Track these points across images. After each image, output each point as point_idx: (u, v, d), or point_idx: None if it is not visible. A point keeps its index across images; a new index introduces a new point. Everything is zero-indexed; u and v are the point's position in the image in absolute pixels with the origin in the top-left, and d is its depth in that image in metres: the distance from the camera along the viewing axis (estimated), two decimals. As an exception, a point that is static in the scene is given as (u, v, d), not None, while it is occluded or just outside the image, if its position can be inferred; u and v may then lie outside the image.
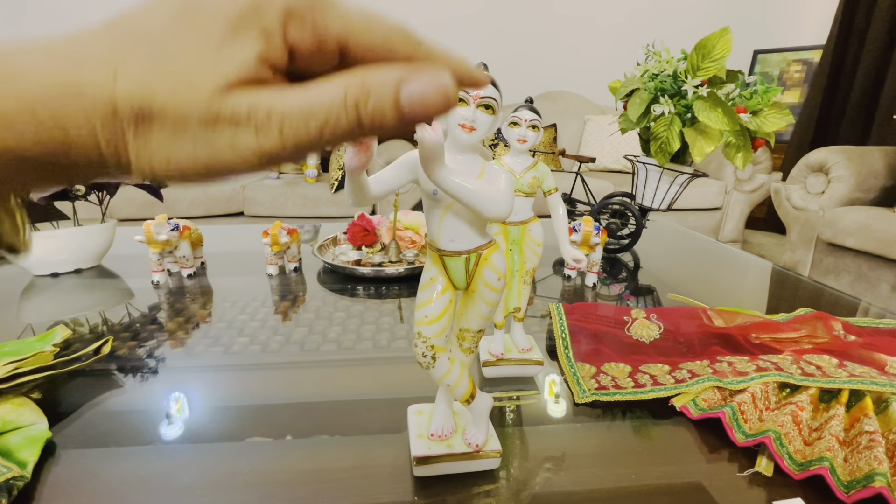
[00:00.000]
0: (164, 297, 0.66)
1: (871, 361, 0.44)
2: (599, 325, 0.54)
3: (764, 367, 0.42)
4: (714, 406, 0.39)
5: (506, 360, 0.46)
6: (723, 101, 0.72)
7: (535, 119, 0.40)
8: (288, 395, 0.43)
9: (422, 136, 0.24)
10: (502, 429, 0.38)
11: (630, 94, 0.81)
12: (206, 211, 2.05)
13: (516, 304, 0.46)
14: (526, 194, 0.43)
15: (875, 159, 1.70)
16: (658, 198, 0.84)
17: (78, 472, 0.33)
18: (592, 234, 0.70)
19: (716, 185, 2.29)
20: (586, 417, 0.40)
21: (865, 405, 0.36)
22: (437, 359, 0.30)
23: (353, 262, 0.76)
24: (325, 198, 2.03)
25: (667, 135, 0.76)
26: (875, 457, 0.31)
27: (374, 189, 0.29)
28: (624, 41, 2.88)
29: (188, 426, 0.38)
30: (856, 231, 1.55)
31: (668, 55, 0.76)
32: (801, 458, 0.33)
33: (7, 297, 0.66)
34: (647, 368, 0.46)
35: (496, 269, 0.30)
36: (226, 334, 0.54)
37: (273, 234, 0.72)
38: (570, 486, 0.32)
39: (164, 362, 0.48)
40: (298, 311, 0.61)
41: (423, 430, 0.34)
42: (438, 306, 0.29)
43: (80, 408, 0.40)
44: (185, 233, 0.72)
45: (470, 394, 0.32)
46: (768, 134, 0.74)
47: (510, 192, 0.27)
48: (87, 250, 0.76)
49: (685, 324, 0.53)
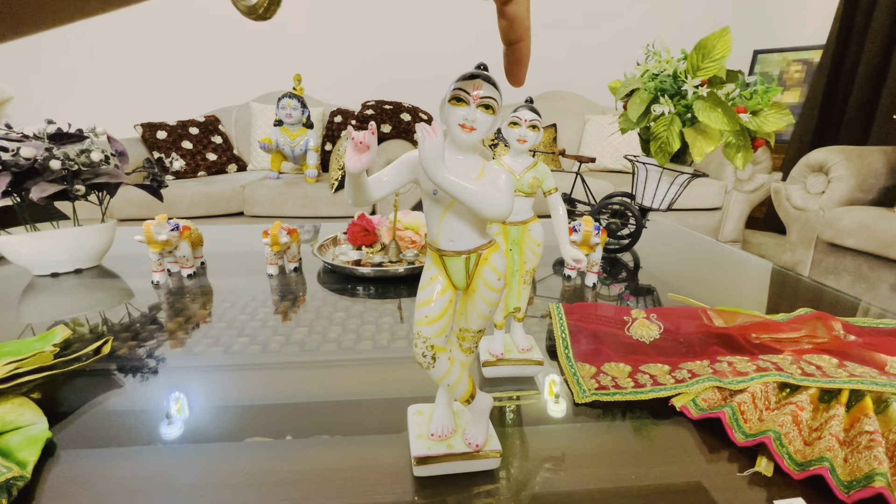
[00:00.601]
0: (164, 297, 0.66)
1: (871, 361, 0.44)
2: (599, 325, 0.54)
3: (764, 367, 0.42)
4: (714, 406, 0.39)
5: (506, 360, 0.46)
6: (723, 101, 0.72)
7: (534, 119, 0.40)
8: (288, 395, 0.43)
9: (421, 137, 0.24)
10: (502, 429, 0.38)
11: (630, 94, 0.81)
12: (206, 211, 2.04)
13: (516, 304, 0.46)
14: (526, 194, 0.43)
15: (875, 159, 1.70)
16: (658, 198, 0.84)
17: (78, 472, 0.33)
18: (592, 234, 0.70)
19: (716, 185, 2.29)
20: (586, 417, 0.40)
21: (865, 405, 0.36)
22: (436, 359, 0.30)
23: (353, 262, 0.76)
24: (325, 198, 2.03)
25: (667, 135, 0.76)
26: (875, 457, 0.31)
27: (375, 189, 0.29)
28: (624, 41, 2.88)
29: (188, 426, 0.38)
30: (856, 231, 1.55)
31: (668, 55, 0.76)
32: (801, 458, 0.33)
33: (7, 297, 0.66)
34: (647, 368, 0.46)
35: (496, 269, 0.30)
36: (226, 334, 0.54)
37: (273, 234, 0.72)
38: (570, 486, 0.32)
39: (164, 362, 0.48)
40: (298, 311, 0.61)
41: (423, 430, 0.34)
42: (438, 306, 0.29)
43: (80, 408, 0.40)
44: (185, 233, 0.72)
45: (470, 394, 0.32)
46: (768, 134, 0.74)
47: (510, 192, 0.27)
48: (87, 250, 0.76)
49: (685, 324, 0.53)
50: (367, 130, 0.26)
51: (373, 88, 2.78)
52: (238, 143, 2.61)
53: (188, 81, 2.73)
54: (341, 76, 2.83)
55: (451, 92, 0.27)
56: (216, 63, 2.73)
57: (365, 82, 2.84)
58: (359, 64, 2.83)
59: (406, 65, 2.84)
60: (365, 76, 2.85)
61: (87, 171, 0.71)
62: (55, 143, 0.70)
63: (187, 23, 2.64)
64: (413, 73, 2.85)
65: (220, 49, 2.71)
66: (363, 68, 2.84)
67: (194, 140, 2.37)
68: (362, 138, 0.26)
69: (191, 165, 2.32)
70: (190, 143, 2.35)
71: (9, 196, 0.67)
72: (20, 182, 0.67)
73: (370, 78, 2.85)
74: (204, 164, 2.36)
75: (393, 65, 2.84)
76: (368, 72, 2.84)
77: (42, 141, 0.70)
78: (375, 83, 2.84)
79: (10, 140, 0.67)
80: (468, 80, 0.27)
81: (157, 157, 0.83)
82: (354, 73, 2.84)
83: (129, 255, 0.83)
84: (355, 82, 2.83)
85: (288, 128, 2.15)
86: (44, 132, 0.71)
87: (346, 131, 0.26)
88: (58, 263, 0.74)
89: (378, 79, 2.85)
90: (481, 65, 0.28)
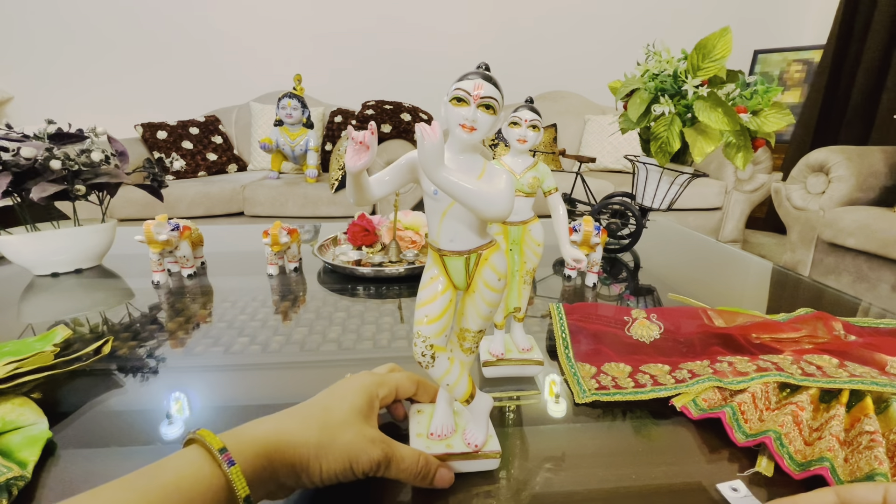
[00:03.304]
0: (165, 297, 0.66)
1: (872, 361, 0.44)
2: (599, 325, 0.54)
3: (764, 367, 0.42)
4: (714, 406, 0.39)
5: (506, 360, 0.46)
6: (723, 101, 0.72)
7: (535, 119, 0.40)
8: (288, 395, 0.43)
9: (422, 137, 0.24)
10: (502, 429, 0.38)
11: (630, 94, 0.81)
12: (206, 211, 2.05)
13: (516, 304, 0.46)
14: (526, 194, 0.43)
15: (875, 159, 1.70)
16: (658, 198, 0.84)
17: (78, 472, 0.33)
18: (592, 234, 0.70)
19: (716, 185, 2.29)
20: (586, 417, 0.40)
21: (866, 405, 0.36)
22: (436, 358, 0.30)
23: (353, 262, 0.76)
24: (325, 198, 2.03)
25: (667, 135, 0.76)
26: (875, 457, 0.31)
27: (375, 189, 0.29)
28: (624, 41, 2.88)
29: (188, 426, 0.38)
30: (856, 231, 1.55)
31: (669, 55, 0.76)
32: (802, 458, 0.33)
33: (7, 297, 0.66)
34: (648, 368, 0.46)
35: (496, 269, 0.30)
36: (226, 334, 0.54)
37: (273, 234, 0.72)
38: (570, 486, 0.32)
39: (164, 362, 0.48)
40: (298, 311, 0.61)
41: (422, 430, 0.34)
42: (438, 306, 0.29)
43: (80, 408, 0.40)
44: (186, 233, 0.72)
45: (469, 394, 0.32)
46: (768, 134, 0.74)
47: (511, 193, 0.27)
48: (88, 250, 0.76)
49: (685, 324, 0.53)
50: (367, 130, 0.26)
51: (373, 88, 2.78)
52: (238, 143, 2.61)
53: (188, 81, 2.73)
54: (341, 76, 2.83)
55: (452, 92, 0.27)
56: (216, 63, 2.73)
57: (365, 82, 2.84)
58: (359, 64, 2.83)
59: (406, 64, 2.84)
60: (365, 76, 2.85)
61: (88, 171, 0.71)
62: (55, 143, 0.70)
63: (187, 23, 2.64)
64: (413, 73, 2.85)
65: (220, 49, 2.71)
66: (363, 68, 2.84)
67: (194, 140, 2.38)
68: (363, 138, 0.26)
69: (191, 165, 2.32)
70: (190, 143, 2.36)
71: (9, 196, 0.67)
72: (20, 182, 0.67)
73: (370, 78, 2.85)
74: (204, 164, 2.36)
75: (393, 65, 2.84)
76: (368, 72, 2.84)
77: (42, 141, 0.70)
78: (375, 83, 2.84)
79: (10, 140, 0.67)
80: (469, 80, 0.27)
81: (158, 157, 0.83)
82: (354, 73, 2.84)
83: (130, 255, 0.83)
84: (355, 82, 2.83)
85: (288, 128, 2.15)
86: (44, 132, 0.71)
87: (347, 131, 0.26)
88: (58, 263, 0.74)
89: (378, 79, 2.85)
90: (482, 65, 0.28)
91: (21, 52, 2.54)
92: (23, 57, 2.55)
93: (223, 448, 0.25)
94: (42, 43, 2.55)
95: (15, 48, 2.53)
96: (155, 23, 2.62)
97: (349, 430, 0.29)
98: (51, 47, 2.56)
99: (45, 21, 2.52)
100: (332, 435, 0.28)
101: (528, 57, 2.91)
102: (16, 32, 2.51)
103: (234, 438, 0.26)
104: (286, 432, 0.27)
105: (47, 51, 2.57)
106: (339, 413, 0.30)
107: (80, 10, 2.53)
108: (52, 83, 2.60)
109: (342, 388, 0.33)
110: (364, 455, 0.28)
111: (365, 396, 0.32)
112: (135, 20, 2.59)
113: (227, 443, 0.25)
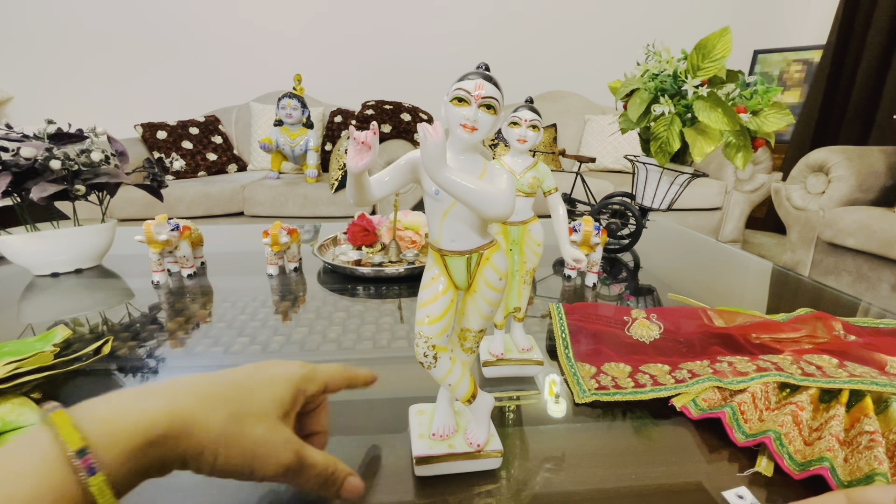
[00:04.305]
0: (164, 297, 0.66)
1: (872, 361, 0.44)
2: (599, 325, 0.54)
3: (764, 367, 0.42)
4: (714, 406, 0.39)
5: (506, 360, 0.46)
6: (723, 101, 0.72)
7: (535, 119, 0.40)
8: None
9: (424, 137, 0.24)
10: (503, 429, 0.38)
11: (630, 94, 0.81)
12: (206, 211, 2.04)
13: (516, 304, 0.46)
14: (526, 194, 0.43)
15: (875, 159, 1.70)
16: (658, 198, 0.84)
17: (79, 471, 0.33)
18: (592, 234, 0.70)
19: (716, 185, 2.29)
20: (586, 417, 0.40)
21: (865, 405, 0.36)
22: (438, 358, 0.30)
23: (353, 262, 0.76)
24: (325, 198, 2.03)
25: (667, 135, 0.76)
26: (875, 457, 0.31)
27: (376, 189, 0.29)
28: (624, 41, 2.88)
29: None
30: (856, 231, 1.55)
31: (669, 55, 0.76)
32: (802, 458, 0.33)
33: (7, 297, 0.66)
34: (648, 368, 0.46)
35: (497, 269, 0.30)
36: (226, 334, 0.54)
37: (273, 234, 0.72)
38: (570, 486, 0.32)
39: (164, 362, 0.48)
40: (298, 311, 0.61)
41: (424, 430, 0.34)
42: (440, 306, 0.29)
43: (80, 408, 0.40)
44: (185, 233, 0.72)
45: (471, 394, 0.32)
46: (768, 134, 0.74)
47: (511, 192, 0.27)
48: (88, 250, 0.76)
49: (685, 324, 0.53)
50: (368, 130, 0.26)
51: (373, 88, 2.78)
52: (238, 143, 2.61)
53: (188, 81, 2.73)
54: (341, 76, 2.82)
55: (452, 92, 0.27)
56: (216, 63, 2.73)
57: (365, 82, 2.84)
58: (359, 64, 2.83)
59: (406, 65, 2.84)
60: (365, 76, 2.85)
61: (88, 171, 0.71)
62: (55, 143, 0.70)
63: (188, 23, 2.64)
64: (413, 73, 2.85)
65: (220, 49, 2.71)
66: (363, 68, 2.83)
67: (194, 140, 2.37)
68: (364, 138, 0.26)
69: (191, 165, 2.32)
70: (190, 143, 2.35)
71: (9, 196, 0.67)
72: (20, 182, 0.67)
73: (370, 78, 2.85)
74: (204, 164, 2.36)
75: (393, 65, 2.84)
76: (368, 72, 2.84)
77: (42, 141, 0.70)
78: (375, 83, 2.83)
79: (10, 140, 0.66)
80: (470, 80, 0.27)
81: (158, 157, 0.83)
82: (354, 73, 2.83)
83: (130, 255, 0.83)
84: (355, 82, 2.83)
85: (288, 128, 2.15)
86: (44, 132, 0.71)
87: (347, 131, 0.26)
88: (58, 263, 0.74)
89: (378, 79, 2.85)
90: (483, 65, 0.28)
91: (21, 52, 2.54)
92: (23, 57, 2.55)
93: (83, 449, 0.18)
94: (42, 43, 2.55)
95: (15, 48, 2.52)
96: (155, 23, 2.62)
97: (262, 424, 0.24)
98: (51, 47, 2.56)
99: (46, 21, 2.52)
100: (241, 426, 0.24)
101: (528, 57, 2.91)
102: (16, 32, 2.51)
103: (105, 426, 0.20)
104: (182, 415, 0.22)
105: (47, 51, 2.56)
106: (256, 402, 0.25)
107: (80, 10, 2.52)
108: (52, 83, 2.60)
109: (267, 372, 0.28)
110: (272, 459, 0.24)
111: (291, 389, 0.27)
112: (135, 20, 2.59)
113: (92, 435, 0.19)
